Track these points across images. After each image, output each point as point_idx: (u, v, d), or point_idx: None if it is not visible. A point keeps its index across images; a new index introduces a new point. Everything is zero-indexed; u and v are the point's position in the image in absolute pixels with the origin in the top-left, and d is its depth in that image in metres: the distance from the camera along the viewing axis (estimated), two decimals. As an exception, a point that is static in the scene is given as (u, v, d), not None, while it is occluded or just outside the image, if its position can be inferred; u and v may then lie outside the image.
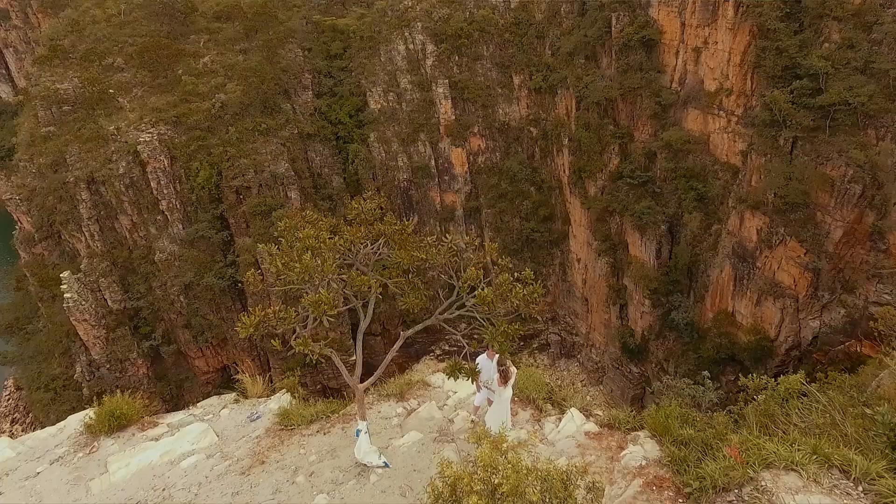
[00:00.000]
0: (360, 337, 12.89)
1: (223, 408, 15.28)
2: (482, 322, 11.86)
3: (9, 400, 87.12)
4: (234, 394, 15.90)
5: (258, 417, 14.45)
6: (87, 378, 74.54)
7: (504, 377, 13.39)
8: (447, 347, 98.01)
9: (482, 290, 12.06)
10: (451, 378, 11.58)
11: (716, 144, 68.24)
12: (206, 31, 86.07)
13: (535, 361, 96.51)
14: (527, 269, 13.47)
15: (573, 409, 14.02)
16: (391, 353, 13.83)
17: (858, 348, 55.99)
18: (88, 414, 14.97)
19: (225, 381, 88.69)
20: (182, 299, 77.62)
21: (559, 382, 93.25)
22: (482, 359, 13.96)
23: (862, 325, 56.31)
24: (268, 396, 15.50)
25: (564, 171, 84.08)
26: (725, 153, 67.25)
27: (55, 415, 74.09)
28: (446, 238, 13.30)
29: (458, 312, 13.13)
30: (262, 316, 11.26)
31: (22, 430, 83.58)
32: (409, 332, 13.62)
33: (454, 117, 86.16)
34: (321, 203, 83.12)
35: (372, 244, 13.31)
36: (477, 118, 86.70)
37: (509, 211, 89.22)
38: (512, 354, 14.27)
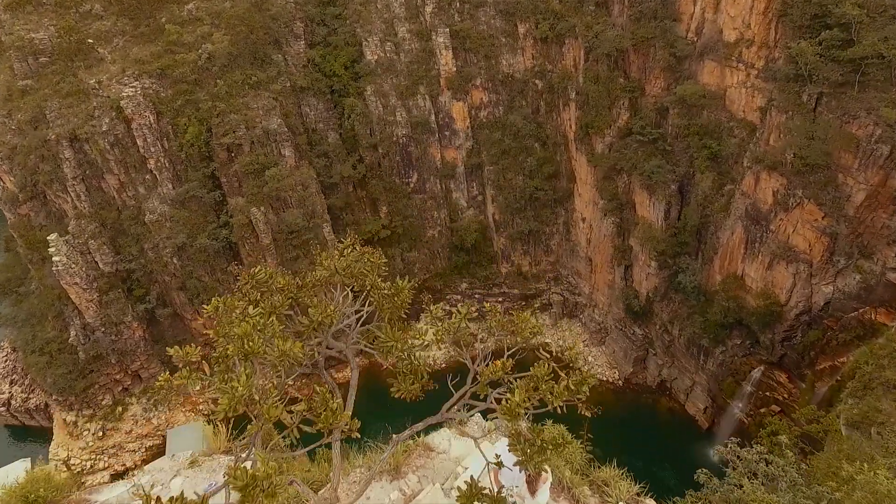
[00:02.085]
0: (337, 444, 9.72)
1: (175, 475, 12.85)
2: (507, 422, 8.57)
3: (6, 361, 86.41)
4: (189, 453, 13.54)
5: (217, 490, 11.96)
6: (83, 341, 73.38)
7: (532, 488, 10.27)
8: (448, 307, 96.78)
9: (510, 395, 8.48)
10: None
11: (732, 100, 64.43)
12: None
13: (537, 321, 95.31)
14: (570, 343, 10.21)
15: (621, 506, 11.56)
16: (379, 463, 10.76)
17: (873, 315, 54.37)
18: None
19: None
20: (175, 261, 75.50)
21: (561, 343, 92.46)
22: (502, 451, 10.47)
23: (878, 291, 54.47)
24: (231, 453, 13.02)
25: (571, 127, 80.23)
26: (742, 109, 63.55)
27: (52, 378, 73.50)
28: (459, 311, 10.38)
29: (475, 411, 10.31)
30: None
31: (21, 392, 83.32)
32: (405, 434, 10.37)
33: (455, 69, 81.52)
34: (316, 161, 79.81)
35: (353, 296, 10.54)
36: (479, 70, 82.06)
37: (512, 168, 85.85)
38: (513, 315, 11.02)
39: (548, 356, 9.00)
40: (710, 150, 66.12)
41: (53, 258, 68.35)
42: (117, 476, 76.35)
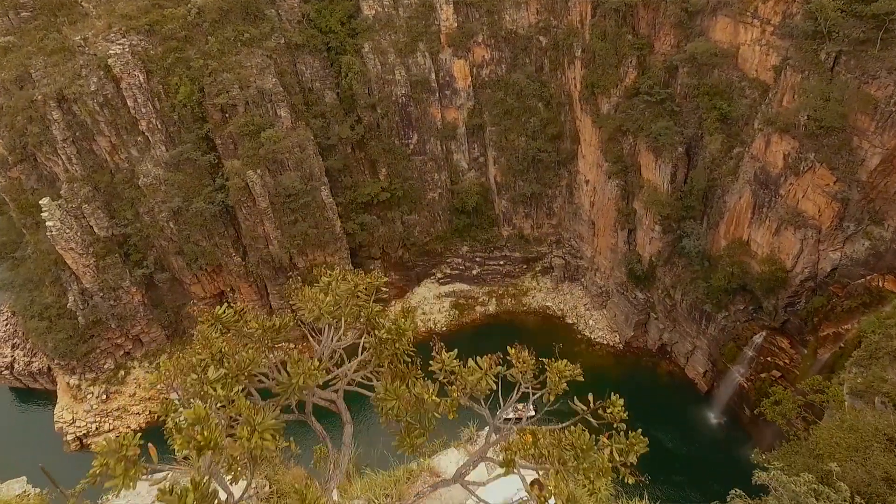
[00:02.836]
0: None
1: (152, 502, 11.45)
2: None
3: (6, 325, 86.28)
4: (169, 475, 12.09)
5: None
6: (81, 307, 72.95)
7: None
8: (448, 271, 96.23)
9: (545, 479, 6.84)
10: None
11: (745, 58, 61.76)
12: (175, -78, 75.83)
13: (538, 285, 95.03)
14: (614, 397, 7.68)
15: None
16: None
17: (880, 283, 53.59)
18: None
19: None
20: (172, 225, 74.27)
21: (562, 307, 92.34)
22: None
23: (887, 258, 53.51)
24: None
25: (575, 86, 77.54)
26: (755, 68, 61.01)
27: (52, 343, 73.41)
28: (479, 365, 7.97)
29: (492, 478, 8.59)
30: None
31: (23, 355, 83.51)
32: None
33: (456, 25, 78.16)
34: (313, 121, 77.48)
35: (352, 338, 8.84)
36: (481, 26, 78.65)
37: (515, 129, 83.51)
38: (514, 278, 8.77)
39: (584, 408, 7.54)
40: (719, 111, 63.90)
41: (47, 223, 67.14)
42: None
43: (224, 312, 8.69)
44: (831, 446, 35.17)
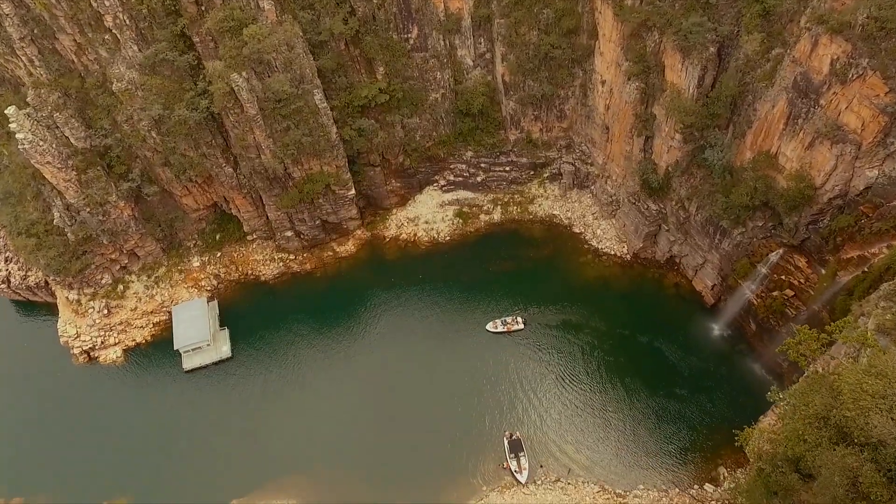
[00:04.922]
0: None
1: None
2: None
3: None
4: None
5: None
6: (69, 223, 69.73)
7: None
8: (452, 178, 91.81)
9: None
10: None
11: (801, -61, 53.08)
12: None
13: (546, 192, 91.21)
14: None
15: None
16: None
17: (918, 206, 50.04)
18: None
19: (219, 217, 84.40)
20: (154, 135, 68.91)
21: (569, 214, 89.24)
22: None
23: (930, 179, 49.53)
24: None
25: (597, -29, 68.23)
26: (811, -48, 52.60)
27: (44, 261, 71.21)
28: None
29: None
30: None
31: (18, 269, 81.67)
32: None
33: None
34: (301, 14, 69.06)
35: None
36: None
37: (526, 21, 75.00)
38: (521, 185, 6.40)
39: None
40: (762, 4, 56.23)
41: (17, 135, 61.80)
42: (129, 351, 77.72)
43: None
44: (857, 392, 33.87)
